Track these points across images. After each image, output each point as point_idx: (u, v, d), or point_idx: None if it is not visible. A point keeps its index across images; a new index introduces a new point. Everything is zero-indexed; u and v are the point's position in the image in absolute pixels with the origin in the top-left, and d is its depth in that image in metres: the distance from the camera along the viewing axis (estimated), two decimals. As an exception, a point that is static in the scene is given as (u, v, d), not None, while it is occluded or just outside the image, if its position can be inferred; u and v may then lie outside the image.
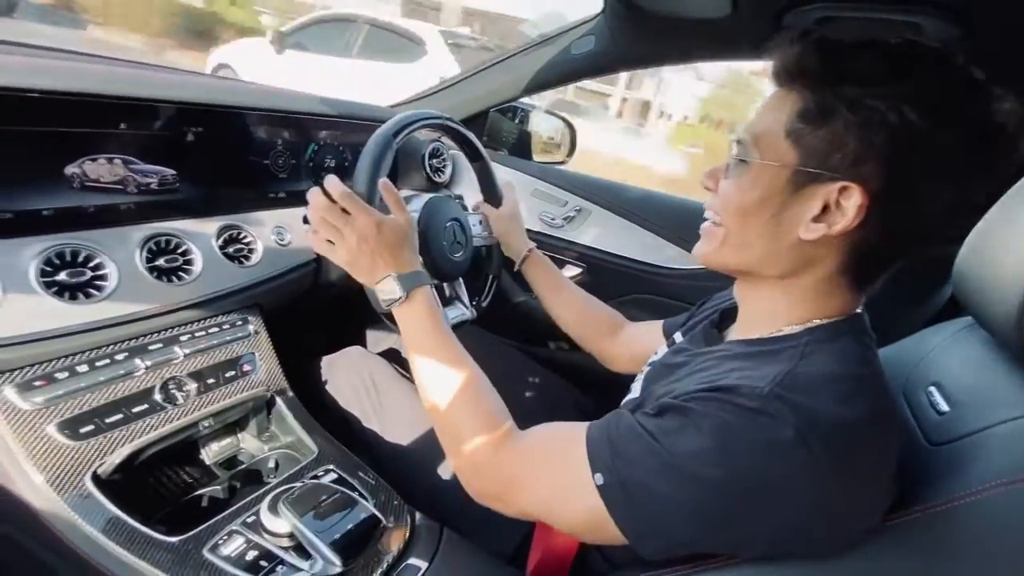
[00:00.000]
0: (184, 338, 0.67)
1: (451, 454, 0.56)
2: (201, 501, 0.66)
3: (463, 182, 1.19)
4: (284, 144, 0.86)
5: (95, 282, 0.60)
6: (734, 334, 0.55)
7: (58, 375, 0.56)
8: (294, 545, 0.53)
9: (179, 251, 0.69)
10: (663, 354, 0.63)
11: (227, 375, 0.70)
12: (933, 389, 0.49)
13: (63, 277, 0.58)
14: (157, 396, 0.62)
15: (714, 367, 0.48)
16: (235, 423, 0.73)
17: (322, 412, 0.77)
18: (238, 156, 0.81)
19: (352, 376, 0.84)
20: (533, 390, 0.94)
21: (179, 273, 0.68)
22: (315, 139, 0.91)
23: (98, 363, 0.59)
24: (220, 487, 0.67)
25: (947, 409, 0.47)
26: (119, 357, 0.61)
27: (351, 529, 0.54)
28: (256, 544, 0.54)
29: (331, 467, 0.65)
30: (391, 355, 0.94)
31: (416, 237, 0.67)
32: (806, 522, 0.40)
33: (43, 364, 0.56)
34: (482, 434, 0.52)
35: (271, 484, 0.62)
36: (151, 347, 0.64)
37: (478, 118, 1.25)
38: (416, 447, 0.76)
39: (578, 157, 1.52)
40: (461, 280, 0.90)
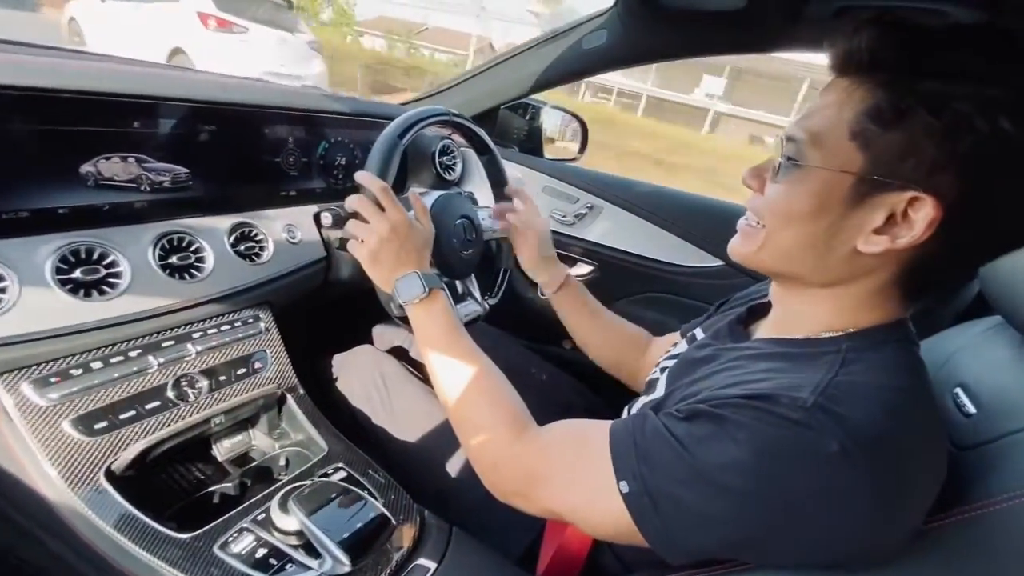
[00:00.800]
0: (196, 335, 0.68)
1: (470, 451, 0.55)
2: (212, 498, 0.67)
3: (474, 179, 1.18)
4: (295, 142, 0.86)
5: (109, 279, 0.61)
6: (763, 331, 0.53)
7: (73, 371, 0.57)
8: (303, 543, 0.53)
9: (191, 249, 0.69)
10: (685, 349, 0.60)
11: (239, 372, 0.70)
12: (959, 391, 0.48)
13: (78, 274, 0.58)
14: (170, 393, 0.63)
15: (743, 366, 0.45)
16: (246, 420, 0.74)
17: (332, 410, 0.77)
18: (250, 154, 0.81)
19: (363, 374, 0.84)
20: (543, 388, 0.93)
21: (191, 271, 0.69)
22: (326, 137, 0.92)
23: (112, 360, 0.60)
24: (231, 484, 0.67)
25: (974, 411, 0.45)
26: (132, 354, 0.61)
27: (360, 528, 0.53)
28: (266, 542, 0.54)
29: (341, 465, 0.65)
30: (398, 353, 0.94)
31: (431, 247, 0.68)
32: (842, 535, 0.37)
33: (58, 361, 0.56)
34: (501, 430, 0.51)
35: (282, 481, 0.62)
36: (164, 344, 0.64)
37: (488, 115, 1.25)
38: (426, 446, 0.76)
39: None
40: (472, 276, 0.90)
